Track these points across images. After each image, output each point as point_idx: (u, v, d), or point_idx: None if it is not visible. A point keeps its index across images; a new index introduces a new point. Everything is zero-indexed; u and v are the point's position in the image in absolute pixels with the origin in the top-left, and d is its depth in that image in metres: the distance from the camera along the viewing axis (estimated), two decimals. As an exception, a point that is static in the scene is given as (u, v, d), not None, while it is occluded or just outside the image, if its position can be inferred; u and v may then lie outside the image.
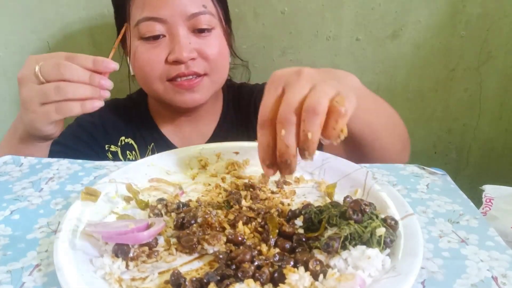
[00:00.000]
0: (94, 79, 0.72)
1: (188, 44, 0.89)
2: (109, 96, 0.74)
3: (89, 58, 0.73)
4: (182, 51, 0.87)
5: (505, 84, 1.27)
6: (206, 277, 0.44)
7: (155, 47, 0.90)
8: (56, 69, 0.71)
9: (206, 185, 0.66)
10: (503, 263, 0.49)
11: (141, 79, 0.96)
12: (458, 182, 0.67)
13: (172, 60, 0.88)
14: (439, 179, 0.67)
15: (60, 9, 1.19)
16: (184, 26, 0.89)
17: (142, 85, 0.98)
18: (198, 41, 0.91)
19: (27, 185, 0.66)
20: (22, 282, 0.47)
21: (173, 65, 0.89)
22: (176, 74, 0.89)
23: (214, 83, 0.96)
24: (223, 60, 0.96)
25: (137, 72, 0.95)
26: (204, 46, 0.91)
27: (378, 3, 1.19)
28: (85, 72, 0.72)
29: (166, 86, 0.92)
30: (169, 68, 0.90)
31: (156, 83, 0.92)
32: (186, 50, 0.88)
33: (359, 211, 0.49)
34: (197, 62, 0.91)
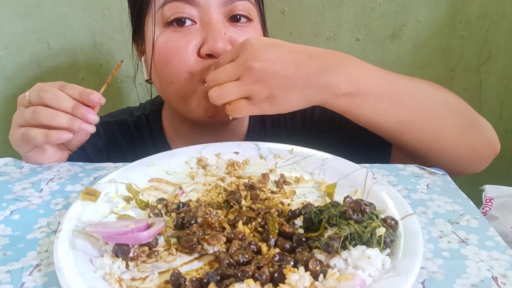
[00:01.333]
0: (77, 109, 0.66)
1: (224, 34, 0.74)
2: (92, 131, 0.68)
3: (77, 88, 0.68)
4: (217, 41, 0.73)
5: (505, 84, 1.27)
6: (206, 277, 0.44)
7: (185, 35, 0.75)
8: (39, 93, 0.67)
9: (206, 185, 0.66)
10: (503, 263, 0.49)
11: (166, 78, 0.78)
12: (458, 182, 0.67)
13: (206, 52, 0.73)
14: (439, 179, 0.67)
15: (60, 9, 1.19)
16: (219, 12, 0.75)
17: (165, 87, 0.79)
18: (235, 31, 0.77)
19: (27, 185, 0.66)
20: (22, 282, 0.47)
21: (205, 60, 0.74)
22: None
23: None
24: None
25: (161, 69, 0.77)
26: (240, 37, 0.75)
27: (378, 3, 1.19)
28: (69, 101, 0.66)
29: (197, 86, 0.75)
30: (202, 63, 0.74)
31: (186, 82, 0.76)
32: (222, 41, 0.73)
33: (359, 211, 0.49)
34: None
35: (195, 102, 0.77)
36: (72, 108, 0.66)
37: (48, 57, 1.23)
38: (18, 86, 1.26)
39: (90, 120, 0.67)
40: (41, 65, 1.24)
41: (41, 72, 1.25)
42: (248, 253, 0.48)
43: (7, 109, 1.30)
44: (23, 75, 1.25)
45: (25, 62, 1.23)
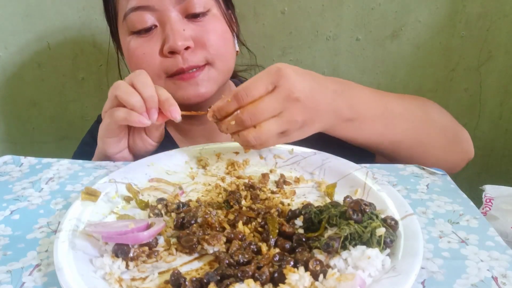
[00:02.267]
0: (152, 102, 0.68)
1: (182, 31, 0.80)
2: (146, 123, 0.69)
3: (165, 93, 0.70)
4: (176, 40, 0.78)
5: (505, 84, 1.27)
6: (206, 277, 0.44)
7: (148, 40, 0.82)
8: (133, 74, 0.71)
9: (206, 185, 0.66)
10: (503, 263, 0.49)
11: None
12: (458, 182, 0.67)
13: (167, 51, 0.80)
14: (439, 179, 0.67)
15: (60, 9, 1.19)
16: (176, 11, 0.80)
17: None
18: (192, 27, 0.81)
19: (27, 185, 0.66)
20: (22, 282, 0.47)
21: (170, 58, 0.81)
22: (175, 70, 0.81)
23: (220, 73, 0.85)
24: (224, 45, 0.85)
25: (133, 70, 0.83)
26: (200, 32, 0.81)
27: (378, 3, 1.19)
28: (151, 91, 0.68)
29: (166, 83, 0.83)
30: (166, 62, 0.81)
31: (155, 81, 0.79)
32: (181, 38, 0.79)
33: (359, 211, 0.49)
34: (194, 52, 0.81)
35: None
36: (149, 97, 0.68)
37: (48, 57, 1.23)
38: (18, 86, 1.26)
39: (152, 115, 0.68)
40: (41, 65, 1.24)
41: (41, 72, 1.25)
42: (248, 253, 0.48)
43: (7, 109, 1.30)
44: (23, 75, 1.25)
45: (25, 62, 1.23)
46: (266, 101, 0.61)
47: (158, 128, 0.75)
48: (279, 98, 0.61)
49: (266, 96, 0.61)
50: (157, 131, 0.75)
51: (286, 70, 0.62)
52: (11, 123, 1.31)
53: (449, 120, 0.83)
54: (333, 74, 1.28)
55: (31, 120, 1.31)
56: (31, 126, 1.32)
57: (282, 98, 0.61)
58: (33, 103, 1.29)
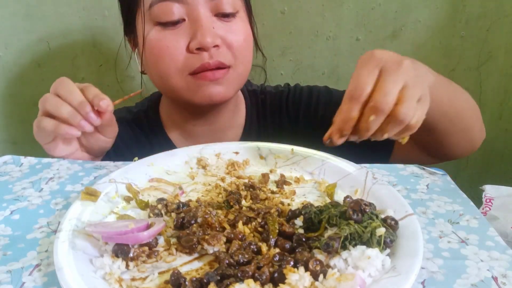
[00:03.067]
0: (83, 107, 0.67)
1: (212, 29, 0.78)
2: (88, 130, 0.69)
3: (93, 91, 0.69)
4: (206, 36, 0.76)
5: (505, 84, 1.27)
6: (206, 277, 0.44)
7: (175, 34, 0.78)
8: (57, 83, 0.70)
9: (206, 185, 0.66)
10: (503, 263, 0.49)
11: (157, 73, 0.82)
12: (458, 182, 0.67)
13: (195, 47, 0.77)
14: (439, 179, 0.67)
15: (60, 9, 1.19)
16: (206, 7, 0.78)
17: (157, 81, 0.85)
18: (221, 26, 0.80)
19: (27, 185, 0.66)
20: (22, 282, 0.47)
21: (196, 54, 0.78)
22: (200, 65, 0.78)
23: (239, 76, 0.84)
24: (248, 49, 0.85)
25: (152, 65, 0.82)
26: (228, 32, 0.80)
27: (378, 3, 1.19)
28: (78, 97, 0.67)
29: (188, 81, 0.80)
30: (191, 58, 0.78)
31: (175, 77, 0.80)
32: (210, 35, 0.77)
33: (359, 211, 0.49)
34: (221, 51, 0.79)
35: (188, 93, 0.82)
36: (79, 104, 0.67)
37: (48, 57, 1.23)
38: (18, 86, 1.26)
39: (90, 119, 0.68)
40: (41, 65, 1.24)
41: (41, 72, 1.25)
42: (248, 253, 0.48)
43: (7, 109, 1.30)
44: (23, 75, 1.25)
45: (25, 62, 1.23)
46: (385, 81, 0.57)
47: (110, 124, 0.74)
48: (392, 72, 0.57)
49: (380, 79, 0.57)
50: (109, 127, 0.74)
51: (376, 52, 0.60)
52: (11, 123, 1.31)
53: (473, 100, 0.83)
54: (333, 74, 1.28)
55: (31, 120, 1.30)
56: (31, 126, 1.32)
57: (394, 71, 0.57)
58: (33, 103, 1.28)
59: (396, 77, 0.57)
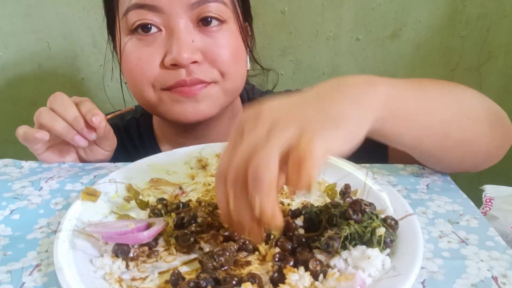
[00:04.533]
0: (77, 122, 0.66)
1: (191, 42, 0.70)
2: (83, 145, 0.69)
3: (87, 105, 0.67)
4: (182, 51, 0.68)
5: (505, 84, 1.27)
6: (204, 283, 0.44)
7: (148, 45, 0.71)
8: (52, 98, 0.69)
9: (206, 185, 0.66)
10: (503, 263, 0.49)
11: (130, 85, 0.77)
12: (458, 182, 0.67)
13: (170, 62, 0.70)
14: (439, 179, 0.67)
15: (60, 9, 1.19)
16: (186, 17, 0.70)
17: (132, 92, 0.79)
18: (203, 39, 0.71)
19: (26, 184, 0.66)
20: (22, 282, 0.47)
21: (171, 70, 0.71)
22: (174, 82, 0.71)
23: (226, 94, 0.76)
24: (235, 64, 0.75)
25: (126, 76, 0.77)
26: (211, 45, 0.71)
27: (378, 3, 1.19)
28: (73, 112, 0.66)
29: (161, 95, 0.74)
30: (165, 73, 0.71)
31: (147, 91, 0.74)
32: (187, 50, 0.69)
33: (359, 211, 0.49)
34: (202, 67, 0.71)
35: (163, 108, 0.76)
36: (73, 119, 0.66)
37: (48, 57, 1.23)
38: (18, 86, 1.26)
39: (85, 134, 0.67)
40: (41, 65, 1.24)
41: (41, 72, 1.25)
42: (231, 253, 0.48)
43: (7, 109, 1.30)
44: (23, 75, 1.25)
45: (25, 62, 1.23)
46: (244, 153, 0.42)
47: (107, 138, 0.73)
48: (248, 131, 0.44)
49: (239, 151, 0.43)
50: (106, 140, 0.73)
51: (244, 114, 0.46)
52: (11, 123, 1.31)
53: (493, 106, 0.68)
54: (333, 74, 1.28)
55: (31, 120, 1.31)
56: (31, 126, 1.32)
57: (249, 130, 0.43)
58: (33, 103, 1.29)
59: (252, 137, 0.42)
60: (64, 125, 0.67)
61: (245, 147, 0.42)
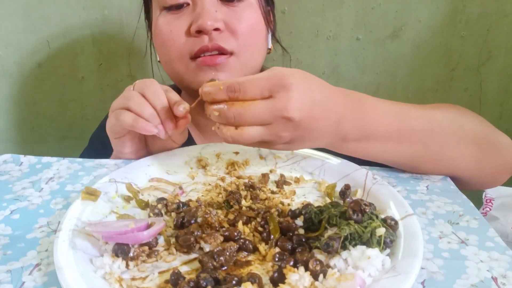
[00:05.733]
0: (164, 112, 0.65)
1: (214, 12, 0.77)
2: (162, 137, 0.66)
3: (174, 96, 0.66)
4: (206, 19, 0.75)
5: (505, 84, 1.27)
6: (204, 282, 0.44)
7: (178, 18, 0.79)
8: (145, 83, 0.68)
9: (206, 185, 0.66)
10: (503, 264, 0.49)
11: (162, 57, 0.84)
12: (458, 182, 0.67)
13: (195, 29, 0.76)
14: (438, 180, 0.67)
15: (60, 9, 1.19)
16: None
17: (165, 67, 0.85)
18: (226, 11, 0.78)
19: (27, 185, 0.66)
20: (22, 281, 0.47)
21: (196, 38, 0.77)
22: (199, 48, 0.77)
23: (244, 66, 0.81)
24: (254, 37, 0.81)
25: (158, 50, 0.84)
26: (232, 17, 0.78)
27: (378, 3, 1.19)
28: (163, 101, 0.65)
29: (188, 65, 0.80)
30: (191, 41, 0.78)
31: (177, 62, 0.80)
32: (211, 17, 0.75)
33: (359, 211, 0.49)
34: (223, 35, 0.77)
35: (190, 78, 0.81)
36: (161, 108, 0.65)
37: (48, 57, 1.23)
38: (18, 85, 1.26)
39: (166, 126, 0.65)
40: (41, 65, 1.24)
41: (41, 72, 1.25)
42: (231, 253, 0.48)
43: (7, 109, 1.30)
44: (23, 74, 1.25)
45: (25, 61, 1.23)
46: (256, 107, 0.53)
47: (182, 131, 0.71)
48: (271, 111, 0.53)
49: (258, 102, 0.53)
50: (180, 135, 0.72)
51: (289, 81, 0.53)
52: (11, 123, 1.31)
53: (485, 129, 0.72)
54: (333, 74, 1.28)
55: (31, 120, 1.31)
56: (31, 126, 1.32)
57: (274, 112, 0.53)
58: (33, 103, 1.29)
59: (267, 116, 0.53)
60: (152, 112, 0.65)
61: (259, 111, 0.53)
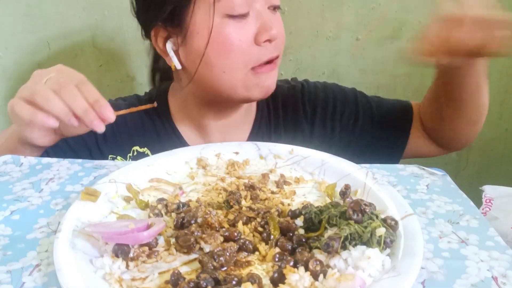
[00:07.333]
0: (88, 116, 0.64)
1: (272, 21, 0.80)
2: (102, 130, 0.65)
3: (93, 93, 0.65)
4: (272, 28, 0.77)
5: (505, 84, 1.27)
6: (204, 283, 0.44)
7: (242, 26, 0.78)
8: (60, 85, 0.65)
9: (206, 185, 0.66)
10: (503, 263, 0.49)
11: (221, 67, 0.79)
12: (458, 182, 0.67)
13: (264, 39, 0.77)
14: (439, 179, 0.67)
15: (60, 9, 1.19)
16: (264, 1, 0.79)
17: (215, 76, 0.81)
18: (273, 17, 0.82)
19: (27, 186, 0.66)
20: (22, 282, 0.47)
21: (263, 47, 0.79)
22: (268, 57, 0.79)
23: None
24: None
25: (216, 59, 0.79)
26: (277, 25, 0.81)
27: (378, 3, 1.19)
28: (82, 104, 0.64)
29: (247, 74, 0.80)
30: (258, 50, 0.78)
31: (239, 71, 0.79)
32: (275, 26, 0.78)
33: (359, 211, 0.49)
34: (277, 41, 0.81)
35: (241, 88, 0.81)
36: (83, 113, 0.64)
37: (48, 57, 1.23)
38: (18, 86, 1.26)
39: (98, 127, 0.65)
40: (41, 65, 1.24)
41: (41, 72, 1.24)
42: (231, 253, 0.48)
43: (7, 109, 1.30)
44: (23, 75, 1.25)
45: (25, 62, 1.23)
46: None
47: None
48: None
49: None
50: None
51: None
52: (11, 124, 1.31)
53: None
54: (333, 74, 1.28)
55: (31, 120, 1.31)
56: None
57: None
58: (33, 103, 1.29)
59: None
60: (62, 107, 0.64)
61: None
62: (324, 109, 0.93)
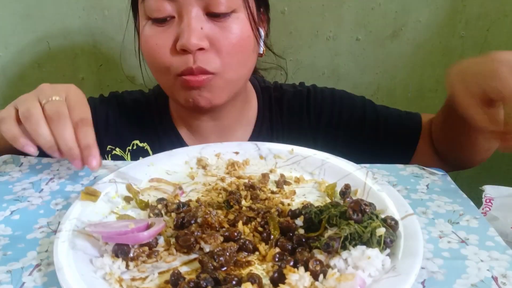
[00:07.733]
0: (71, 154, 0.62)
1: (200, 29, 0.73)
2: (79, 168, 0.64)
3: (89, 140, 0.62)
4: (191, 37, 0.72)
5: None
6: (204, 283, 0.44)
7: (163, 31, 0.75)
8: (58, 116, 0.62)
9: (206, 185, 0.66)
10: (503, 263, 0.49)
11: (149, 67, 0.82)
12: (458, 182, 0.67)
13: (179, 48, 0.73)
14: (439, 179, 0.67)
15: (60, 9, 1.19)
16: (197, 5, 0.73)
17: (152, 74, 0.83)
18: (211, 26, 0.74)
19: (27, 186, 0.66)
20: (22, 282, 0.47)
21: (181, 56, 0.74)
22: (183, 69, 0.74)
23: (230, 84, 0.79)
24: (240, 53, 0.77)
25: (145, 58, 0.81)
26: (218, 34, 0.74)
27: (378, 3, 1.19)
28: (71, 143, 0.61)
29: (174, 80, 0.77)
30: (176, 59, 0.75)
31: (163, 75, 0.78)
32: (196, 36, 0.72)
33: (359, 211, 0.49)
34: (207, 55, 0.74)
35: (175, 93, 0.80)
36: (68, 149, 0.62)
37: (48, 57, 1.23)
38: (18, 86, 1.26)
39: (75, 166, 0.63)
40: (41, 65, 1.24)
41: (41, 72, 1.25)
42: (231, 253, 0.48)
43: (7, 109, 1.30)
44: (23, 75, 1.25)
45: (25, 62, 1.23)
46: None
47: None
48: None
49: None
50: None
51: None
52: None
53: None
54: (333, 74, 1.28)
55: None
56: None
57: None
58: (33, 103, 1.29)
59: None
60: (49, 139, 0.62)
61: None
62: (329, 117, 0.91)
